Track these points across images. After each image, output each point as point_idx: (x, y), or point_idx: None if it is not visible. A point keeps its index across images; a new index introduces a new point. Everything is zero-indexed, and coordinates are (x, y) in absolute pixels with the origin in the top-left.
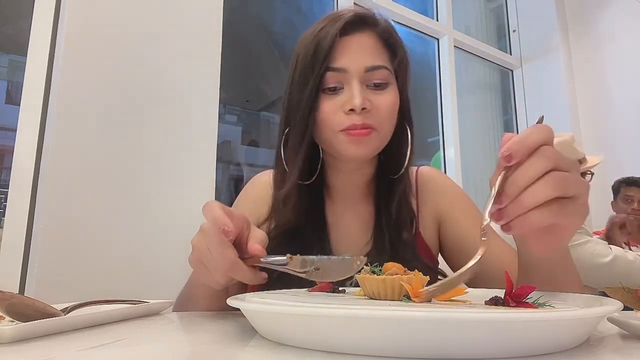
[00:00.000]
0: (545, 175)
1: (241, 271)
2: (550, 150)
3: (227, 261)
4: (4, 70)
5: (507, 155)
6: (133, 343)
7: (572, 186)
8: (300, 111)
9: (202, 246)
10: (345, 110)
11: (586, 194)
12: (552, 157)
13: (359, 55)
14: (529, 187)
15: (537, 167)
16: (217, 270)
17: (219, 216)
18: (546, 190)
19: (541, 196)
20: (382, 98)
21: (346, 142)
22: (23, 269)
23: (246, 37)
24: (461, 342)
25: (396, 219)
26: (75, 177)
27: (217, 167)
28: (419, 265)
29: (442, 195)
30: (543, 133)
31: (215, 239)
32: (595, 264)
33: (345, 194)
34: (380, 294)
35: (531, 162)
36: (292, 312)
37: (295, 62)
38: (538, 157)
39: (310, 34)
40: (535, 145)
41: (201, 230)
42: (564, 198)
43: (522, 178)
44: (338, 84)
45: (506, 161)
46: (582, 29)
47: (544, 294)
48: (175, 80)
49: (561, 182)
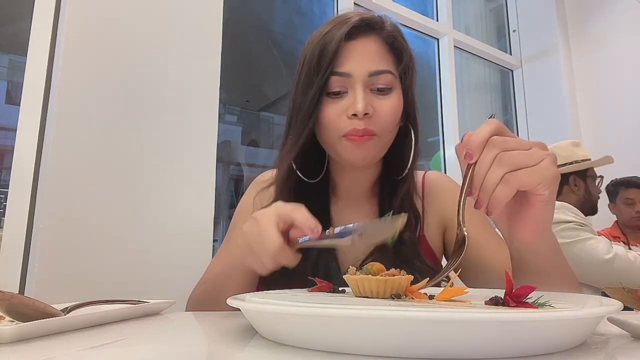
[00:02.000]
0: (495, 158)
1: (286, 255)
2: (497, 139)
3: (275, 246)
4: (4, 70)
5: (467, 154)
6: (133, 343)
7: (520, 159)
8: (303, 113)
9: (252, 232)
10: (348, 114)
11: (548, 159)
12: (498, 144)
13: (363, 60)
14: (487, 174)
15: (488, 156)
16: (265, 255)
17: (308, 217)
18: (497, 169)
19: (496, 175)
20: (385, 103)
21: (347, 147)
22: (23, 269)
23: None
24: (461, 342)
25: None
26: (75, 177)
27: (217, 167)
28: (421, 264)
29: (448, 200)
30: (489, 126)
31: (267, 226)
32: (595, 261)
33: (350, 193)
34: (380, 294)
35: (484, 154)
36: (292, 312)
37: (301, 65)
38: (488, 148)
39: (317, 36)
40: (485, 139)
41: (253, 218)
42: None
43: (481, 168)
44: (342, 88)
45: (467, 159)
46: (582, 29)
47: (544, 294)
48: (175, 80)
49: (509, 159)
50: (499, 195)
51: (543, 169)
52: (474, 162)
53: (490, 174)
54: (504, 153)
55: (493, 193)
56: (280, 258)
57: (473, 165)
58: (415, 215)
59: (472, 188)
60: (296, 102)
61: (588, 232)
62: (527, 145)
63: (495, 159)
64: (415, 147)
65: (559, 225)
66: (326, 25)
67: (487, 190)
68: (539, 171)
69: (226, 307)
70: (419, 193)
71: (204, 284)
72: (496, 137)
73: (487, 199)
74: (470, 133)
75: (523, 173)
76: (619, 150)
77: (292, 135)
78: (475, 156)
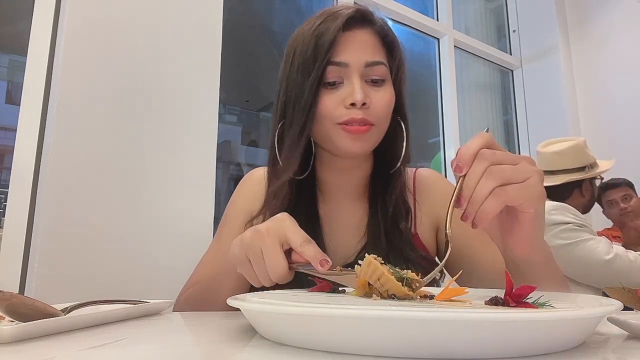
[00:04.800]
0: (485, 172)
1: (286, 279)
2: (487, 152)
3: (279, 273)
4: (4, 70)
5: (456, 167)
6: (133, 343)
7: (509, 174)
8: (300, 105)
9: (255, 245)
10: (346, 104)
11: (535, 177)
12: (488, 157)
13: (359, 50)
14: (476, 186)
15: (478, 168)
16: (265, 276)
17: (318, 251)
18: (487, 183)
19: (485, 188)
20: (380, 95)
21: (344, 137)
22: (23, 269)
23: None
24: (461, 342)
25: (392, 211)
26: (75, 177)
27: (217, 167)
28: (414, 255)
29: (439, 197)
30: (480, 140)
31: (273, 250)
32: (596, 261)
33: (340, 192)
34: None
35: (474, 166)
36: (292, 312)
37: (291, 57)
38: (478, 160)
39: (308, 29)
40: (476, 152)
41: (257, 230)
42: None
43: (470, 180)
44: (338, 78)
45: (457, 171)
46: (582, 29)
47: (544, 294)
48: (175, 80)
49: (498, 173)
50: (487, 209)
51: (530, 187)
52: (463, 174)
53: (480, 187)
54: (493, 166)
55: (481, 206)
56: (279, 281)
57: (462, 177)
58: (406, 208)
59: (461, 200)
60: (289, 95)
61: (588, 233)
62: (516, 159)
63: (485, 172)
64: (407, 141)
65: (558, 226)
66: (317, 18)
67: (476, 203)
68: (526, 188)
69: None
70: (410, 190)
71: (192, 286)
72: (485, 150)
73: (475, 211)
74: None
75: (512, 189)
76: (619, 150)
77: (291, 129)
78: (464, 169)
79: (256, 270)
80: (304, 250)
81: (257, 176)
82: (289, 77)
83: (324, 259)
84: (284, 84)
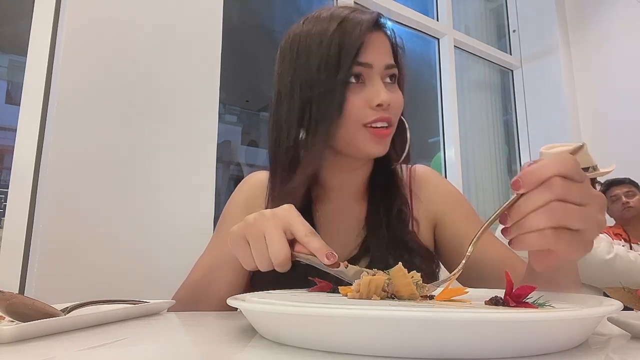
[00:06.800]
0: (545, 205)
1: (286, 267)
2: (558, 182)
3: (281, 258)
4: (4, 70)
5: (515, 182)
6: (133, 343)
7: (572, 219)
8: (326, 106)
9: (258, 227)
10: (372, 105)
11: (593, 228)
12: (556, 190)
13: (381, 52)
14: (530, 214)
15: (538, 198)
16: (263, 259)
17: (323, 244)
18: (541, 220)
19: (535, 224)
20: (396, 95)
21: (369, 139)
22: (23, 269)
23: (246, 37)
24: (461, 342)
25: (393, 204)
26: (75, 177)
27: (217, 167)
28: (416, 246)
29: (437, 195)
30: (559, 166)
31: (277, 235)
32: (596, 261)
33: (340, 195)
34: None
35: (535, 192)
36: (292, 312)
37: (304, 57)
38: (543, 189)
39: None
40: (546, 177)
41: (262, 214)
42: (566, 229)
43: (524, 205)
44: (360, 78)
45: (514, 188)
46: (582, 29)
47: (544, 294)
48: (175, 81)
49: (558, 214)
50: (529, 243)
51: (584, 238)
52: (520, 193)
53: (533, 219)
54: (557, 203)
55: (525, 234)
56: (280, 268)
57: (519, 195)
58: (404, 202)
59: (508, 216)
60: (307, 97)
61: None
62: (587, 199)
63: (547, 207)
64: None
65: None
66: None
67: (521, 229)
68: (579, 240)
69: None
70: (406, 186)
71: (186, 287)
72: (557, 180)
73: (516, 234)
74: (533, 164)
75: (564, 237)
76: (619, 150)
77: (317, 129)
78: (522, 189)
79: (254, 253)
80: (309, 241)
81: (258, 179)
82: (305, 76)
83: (329, 252)
84: (296, 85)
